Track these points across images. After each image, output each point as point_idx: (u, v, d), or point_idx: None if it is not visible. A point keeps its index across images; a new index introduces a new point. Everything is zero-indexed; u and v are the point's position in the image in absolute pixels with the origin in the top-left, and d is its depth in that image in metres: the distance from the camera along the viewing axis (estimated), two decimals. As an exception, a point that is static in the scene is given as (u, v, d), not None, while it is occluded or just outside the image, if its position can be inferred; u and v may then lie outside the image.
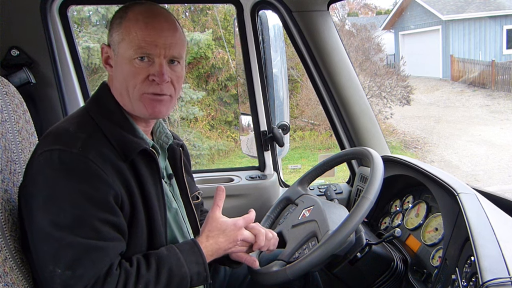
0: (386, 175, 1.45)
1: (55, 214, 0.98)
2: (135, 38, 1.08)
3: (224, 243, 1.18)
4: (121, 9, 1.15)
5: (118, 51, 1.12)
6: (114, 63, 1.14)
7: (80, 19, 9.35)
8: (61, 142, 1.02)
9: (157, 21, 1.11)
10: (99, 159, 1.02)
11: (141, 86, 1.11)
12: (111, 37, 1.14)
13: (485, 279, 0.93)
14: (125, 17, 1.11)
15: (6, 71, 1.81)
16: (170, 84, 1.14)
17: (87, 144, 1.03)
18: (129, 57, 1.09)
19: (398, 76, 10.97)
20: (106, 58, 1.17)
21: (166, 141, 1.30)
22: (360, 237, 1.33)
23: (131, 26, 1.09)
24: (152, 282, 1.04)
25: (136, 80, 1.10)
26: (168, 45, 1.11)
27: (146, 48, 1.09)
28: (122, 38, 1.10)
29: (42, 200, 1.00)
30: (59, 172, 0.99)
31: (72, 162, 1.00)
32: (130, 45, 1.09)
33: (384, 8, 21.60)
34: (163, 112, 1.15)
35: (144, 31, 1.09)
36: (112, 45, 1.14)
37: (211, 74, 10.40)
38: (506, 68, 13.03)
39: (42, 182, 1.00)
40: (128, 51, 1.09)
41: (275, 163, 2.25)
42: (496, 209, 1.31)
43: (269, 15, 2.06)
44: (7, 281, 1.02)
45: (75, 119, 1.12)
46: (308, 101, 10.37)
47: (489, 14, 14.92)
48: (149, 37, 1.09)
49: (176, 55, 1.13)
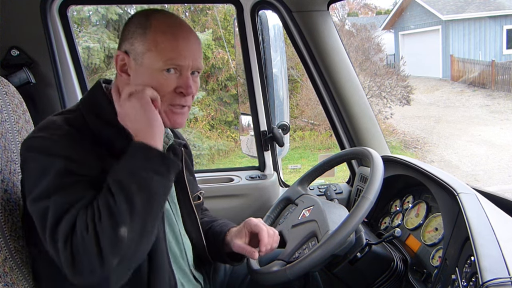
0: (386, 175, 1.45)
1: (32, 188, 0.97)
2: (164, 50, 1.07)
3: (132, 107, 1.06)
4: (140, 17, 1.12)
5: (142, 61, 1.09)
6: (134, 73, 1.11)
7: (80, 19, 9.35)
8: (44, 131, 1.03)
9: (183, 31, 1.11)
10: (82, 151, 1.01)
11: (168, 97, 1.11)
12: (132, 46, 1.10)
13: (485, 279, 0.93)
14: (149, 27, 1.09)
15: (6, 71, 1.81)
16: (191, 96, 1.15)
17: (70, 135, 1.02)
18: (158, 68, 1.08)
19: (398, 76, 10.97)
20: (122, 66, 1.13)
21: (165, 141, 1.28)
22: (360, 237, 1.33)
23: (158, 37, 1.08)
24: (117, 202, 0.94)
25: (163, 91, 1.10)
26: (195, 57, 1.11)
27: (176, 59, 1.08)
28: (148, 48, 1.08)
29: (28, 183, 1.00)
30: (38, 153, 0.99)
31: (53, 145, 1.00)
32: (159, 57, 1.07)
33: (384, 8, 21.60)
34: (183, 123, 1.16)
35: (173, 43, 1.08)
36: (132, 54, 1.11)
37: (211, 74, 10.40)
38: (506, 68, 13.03)
39: (26, 169, 1.02)
40: (156, 62, 1.08)
41: (275, 163, 2.25)
42: (496, 209, 1.31)
43: (269, 15, 2.06)
44: (7, 281, 1.02)
45: (65, 114, 1.11)
46: (308, 101, 10.37)
47: (489, 14, 14.92)
48: (179, 49, 1.08)
49: (200, 66, 1.14)
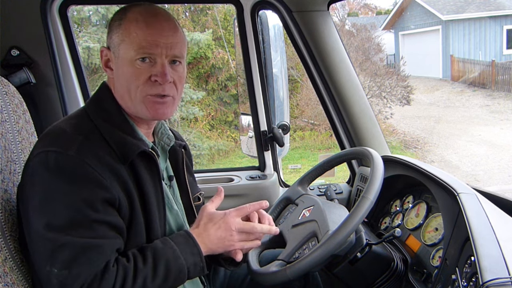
0: (386, 175, 1.45)
1: (50, 215, 0.98)
2: (136, 38, 1.07)
3: (214, 230, 1.15)
4: (120, 10, 1.14)
5: (119, 53, 1.10)
6: (115, 66, 1.13)
7: (80, 19, 9.36)
8: (57, 144, 1.02)
9: (157, 20, 1.10)
10: (95, 162, 1.01)
11: (144, 87, 1.10)
12: (111, 39, 1.13)
13: (485, 279, 0.93)
14: (124, 18, 1.10)
15: (6, 71, 1.81)
16: (173, 85, 1.13)
17: (83, 147, 1.02)
18: (131, 58, 1.08)
19: (398, 76, 10.97)
20: (106, 61, 1.15)
21: (167, 143, 1.29)
22: (360, 237, 1.33)
23: (131, 26, 1.08)
24: (149, 276, 1.03)
25: (138, 81, 1.09)
26: (169, 44, 1.10)
27: (147, 48, 1.08)
28: (122, 39, 1.09)
29: (38, 202, 0.99)
30: (55, 174, 0.99)
31: (68, 164, 0.99)
32: (131, 46, 1.08)
33: (384, 8, 21.59)
34: (166, 113, 1.15)
35: (144, 30, 1.08)
36: (112, 48, 1.13)
37: (211, 74, 10.40)
38: (506, 68, 13.02)
39: (38, 184, 1.00)
40: (129, 52, 1.08)
41: (275, 163, 2.25)
42: (496, 209, 1.31)
43: (269, 15, 2.06)
44: (7, 281, 1.02)
45: (73, 120, 1.11)
46: (308, 101, 10.37)
47: (489, 14, 14.91)
48: (150, 36, 1.08)
49: (178, 54, 1.13)
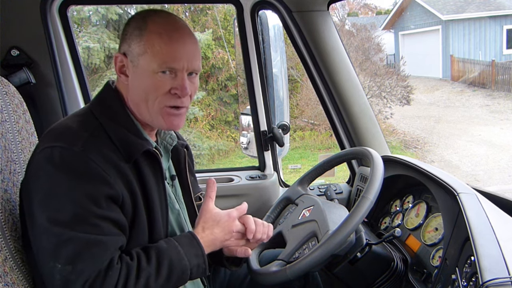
0: (386, 175, 1.45)
1: (55, 210, 0.99)
2: (160, 52, 1.07)
3: (220, 234, 1.18)
4: (138, 18, 1.12)
5: (138, 63, 1.10)
6: (132, 74, 1.12)
7: (80, 19, 9.36)
8: (63, 140, 1.02)
9: (180, 36, 1.10)
10: (100, 159, 1.02)
11: (162, 99, 1.11)
12: (129, 47, 1.11)
13: (485, 279, 0.93)
14: (145, 29, 1.09)
15: (6, 71, 1.81)
16: (189, 97, 1.15)
17: (88, 143, 1.03)
18: (153, 70, 1.08)
19: (398, 76, 10.97)
20: (121, 67, 1.14)
21: (170, 142, 1.30)
22: (360, 237, 1.33)
23: (154, 39, 1.08)
24: (153, 275, 1.04)
25: (157, 92, 1.10)
26: (191, 58, 1.11)
27: (170, 62, 1.08)
28: (144, 51, 1.08)
29: (42, 196, 1.00)
30: (60, 169, 1.00)
31: (73, 160, 1.00)
32: (153, 59, 1.08)
33: (384, 8, 21.58)
34: (180, 125, 1.16)
35: (168, 45, 1.08)
36: (129, 56, 1.11)
37: (211, 74, 10.40)
38: (506, 68, 13.03)
39: (43, 178, 1.01)
40: (151, 64, 1.08)
41: (275, 163, 2.25)
42: (496, 209, 1.31)
43: (269, 15, 2.06)
44: (7, 281, 1.02)
45: (78, 117, 1.12)
46: (308, 101, 10.37)
47: (489, 14, 14.92)
48: (174, 52, 1.08)
49: (197, 68, 1.14)
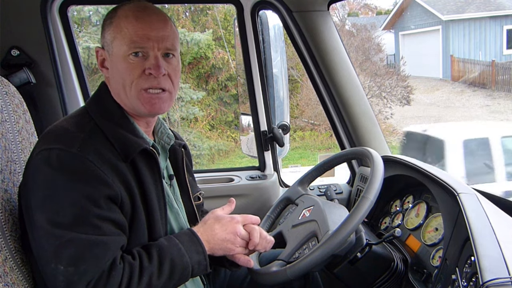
0: (386, 175, 1.45)
1: (54, 212, 0.99)
2: (127, 33, 1.09)
3: (219, 231, 1.17)
4: (111, 10, 1.15)
5: (112, 51, 1.12)
6: (110, 64, 1.14)
7: (80, 19, 9.37)
8: (60, 142, 1.02)
9: (147, 14, 1.11)
10: (97, 160, 1.02)
11: (138, 81, 1.10)
12: (104, 38, 1.14)
13: (485, 279, 0.93)
14: (115, 16, 1.12)
15: (6, 71, 1.81)
16: (167, 78, 1.14)
17: (86, 144, 1.03)
18: (123, 53, 1.09)
19: (398, 76, 10.99)
20: (102, 61, 1.17)
21: (167, 142, 1.29)
22: (360, 237, 1.33)
23: (121, 22, 1.10)
24: (155, 274, 1.04)
25: (132, 76, 1.10)
26: (160, 37, 1.11)
27: (139, 42, 1.09)
28: (114, 36, 1.11)
29: (41, 199, 1.00)
30: (58, 171, 1.00)
31: (71, 162, 1.00)
32: (123, 42, 1.09)
33: (384, 8, 21.53)
34: (163, 108, 1.15)
35: (134, 25, 1.09)
36: (105, 46, 1.14)
37: (211, 74, 10.41)
38: (506, 68, 13.02)
39: (41, 181, 1.01)
40: (121, 48, 1.09)
41: (275, 163, 2.25)
42: (496, 209, 1.31)
43: (269, 15, 2.06)
44: (7, 281, 1.02)
45: (74, 119, 1.12)
46: (308, 101, 10.39)
47: (489, 14, 14.90)
48: (140, 30, 1.09)
49: (170, 47, 1.13)
